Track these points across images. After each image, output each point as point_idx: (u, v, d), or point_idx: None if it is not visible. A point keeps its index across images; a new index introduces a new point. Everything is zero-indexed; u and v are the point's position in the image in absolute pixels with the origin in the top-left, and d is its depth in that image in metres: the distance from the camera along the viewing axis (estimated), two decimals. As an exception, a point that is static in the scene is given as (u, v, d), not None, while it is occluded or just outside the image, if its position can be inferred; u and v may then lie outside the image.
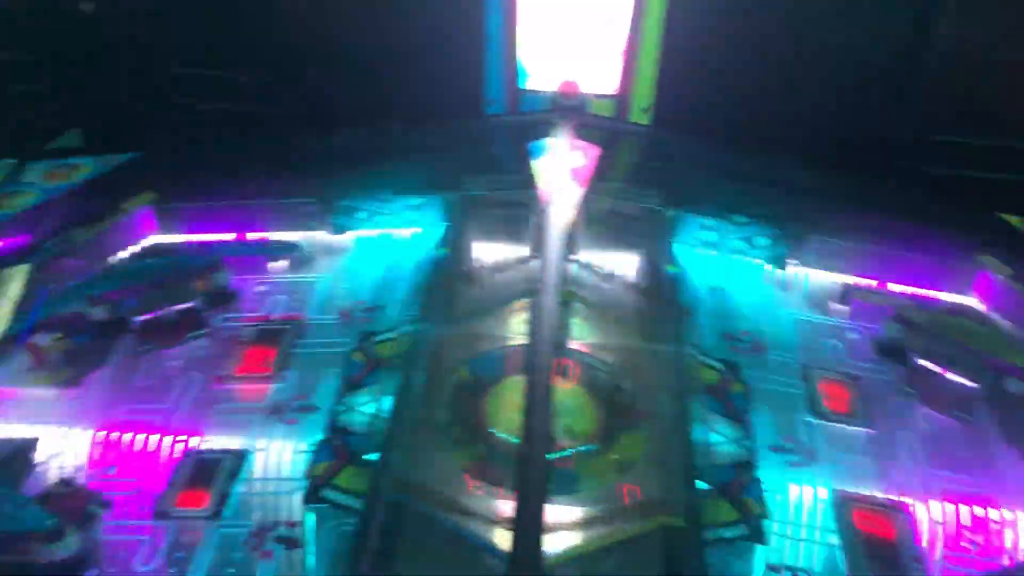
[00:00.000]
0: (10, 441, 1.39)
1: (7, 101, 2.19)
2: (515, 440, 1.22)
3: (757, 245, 1.73)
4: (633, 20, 1.67)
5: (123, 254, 1.76)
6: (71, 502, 1.26)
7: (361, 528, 1.19)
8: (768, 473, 1.33)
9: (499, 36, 1.74)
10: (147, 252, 1.77)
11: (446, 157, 1.80)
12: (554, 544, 1.12)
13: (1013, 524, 1.34)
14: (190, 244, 1.77)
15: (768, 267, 1.72)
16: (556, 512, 1.15)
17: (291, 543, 1.24)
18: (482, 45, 1.75)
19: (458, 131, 1.84)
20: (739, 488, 1.30)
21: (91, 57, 2.26)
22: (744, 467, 1.34)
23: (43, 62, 2.27)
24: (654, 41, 1.69)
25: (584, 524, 1.16)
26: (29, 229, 1.75)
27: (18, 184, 1.81)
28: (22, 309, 1.60)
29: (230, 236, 1.80)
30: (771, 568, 1.23)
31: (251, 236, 1.80)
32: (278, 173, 1.85)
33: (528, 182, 1.72)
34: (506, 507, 1.13)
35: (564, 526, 1.15)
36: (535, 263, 1.61)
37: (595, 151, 1.78)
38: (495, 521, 1.14)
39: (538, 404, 1.23)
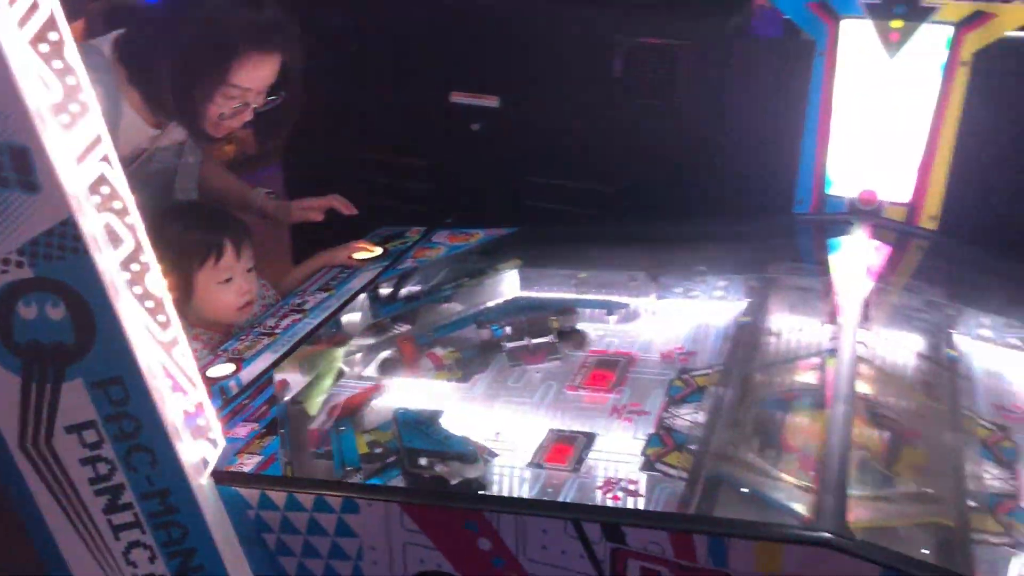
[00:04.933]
0: (425, 410, 1.88)
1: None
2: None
3: (1031, 340, 1.97)
4: (929, 137, 2.04)
5: (496, 301, 2.34)
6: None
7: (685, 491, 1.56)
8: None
9: (811, 146, 2.16)
10: (516, 300, 2.33)
11: (757, 246, 2.23)
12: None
13: None
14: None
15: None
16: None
17: (632, 493, 1.60)
18: (796, 153, 2.20)
19: (769, 225, 2.28)
20: (1005, 510, 1.54)
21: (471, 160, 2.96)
22: (1010, 497, 1.58)
23: (438, 167, 3.03)
24: (946, 156, 2.04)
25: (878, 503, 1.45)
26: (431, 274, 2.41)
27: (431, 243, 2.48)
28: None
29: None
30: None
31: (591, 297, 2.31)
32: (618, 250, 2.38)
33: (825, 270, 2.11)
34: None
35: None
36: (828, 328, 1.94)
37: (887, 251, 2.14)
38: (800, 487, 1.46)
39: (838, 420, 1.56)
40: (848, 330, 1.73)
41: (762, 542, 1.20)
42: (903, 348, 1.93)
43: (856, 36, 2.04)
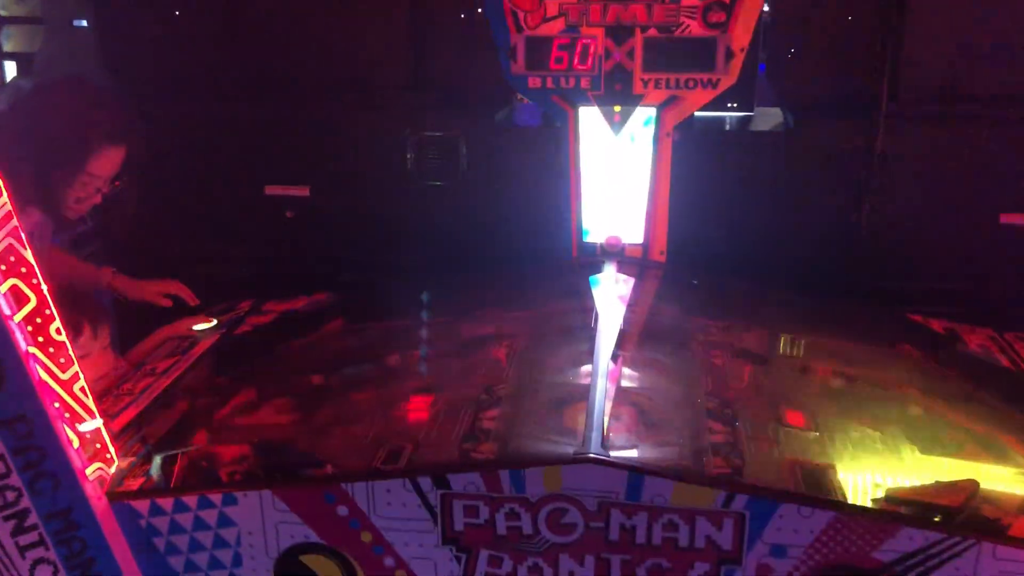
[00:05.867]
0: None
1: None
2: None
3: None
4: (651, 191, 2.66)
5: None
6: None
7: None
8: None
9: (569, 205, 2.75)
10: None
11: (536, 286, 2.78)
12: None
13: None
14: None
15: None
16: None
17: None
18: (559, 212, 2.78)
19: (544, 270, 2.83)
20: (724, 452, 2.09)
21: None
22: (730, 445, 2.13)
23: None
24: (665, 205, 2.68)
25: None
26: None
27: (261, 311, 2.84)
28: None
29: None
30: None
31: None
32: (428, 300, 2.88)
33: (590, 299, 2.66)
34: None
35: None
36: (595, 342, 2.42)
37: (632, 280, 2.74)
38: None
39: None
40: (607, 341, 2.25)
41: (547, 467, 1.67)
42: (652, 350, 2.50)
43: (589, 119, 2.66)
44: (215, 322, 2.72)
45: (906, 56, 2.95)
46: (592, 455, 1.66)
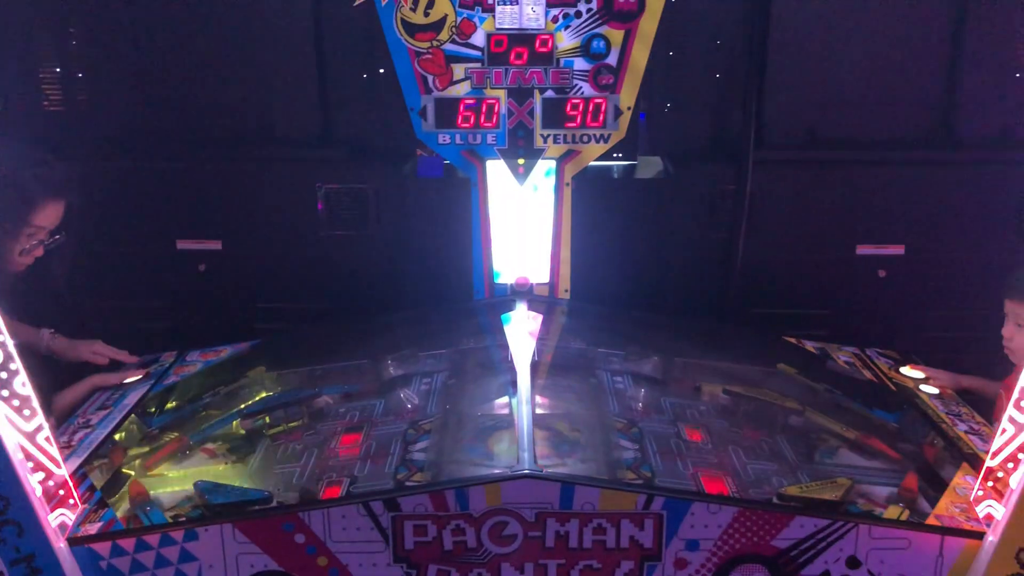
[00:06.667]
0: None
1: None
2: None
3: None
4: (553, 235, 2.93)
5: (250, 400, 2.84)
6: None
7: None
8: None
9: (479, 250, 2.96)
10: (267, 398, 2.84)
11: (452, 327, 2.97)
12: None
13: None
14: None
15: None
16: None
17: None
18: (470, 257, 3.00)
19: (458, 311, 3.05)
20: (636, 466, 2.34)
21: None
22: (638, 459, 2.39)
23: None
24: (568, 247, 2.95)
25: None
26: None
27: (186, 361, 2.92)
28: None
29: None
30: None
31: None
32: (344, 345, 3.01)
33: (503, 336, 2.88)
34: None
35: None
36: (510, 375, 2.59)
37: (541, 317, 2.98)
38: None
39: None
40: (525, 372, 2.46)
41: (487, 485, 1.87)
42: (564, 378, 2.74)
43: (497, 171, 2.91)
44: (142, 374, 2.79)
45: (769, 107, 3.32)
46: (528, 471, 1.87)
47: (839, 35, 3.30)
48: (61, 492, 1.85)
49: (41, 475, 1.80)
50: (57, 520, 1.83)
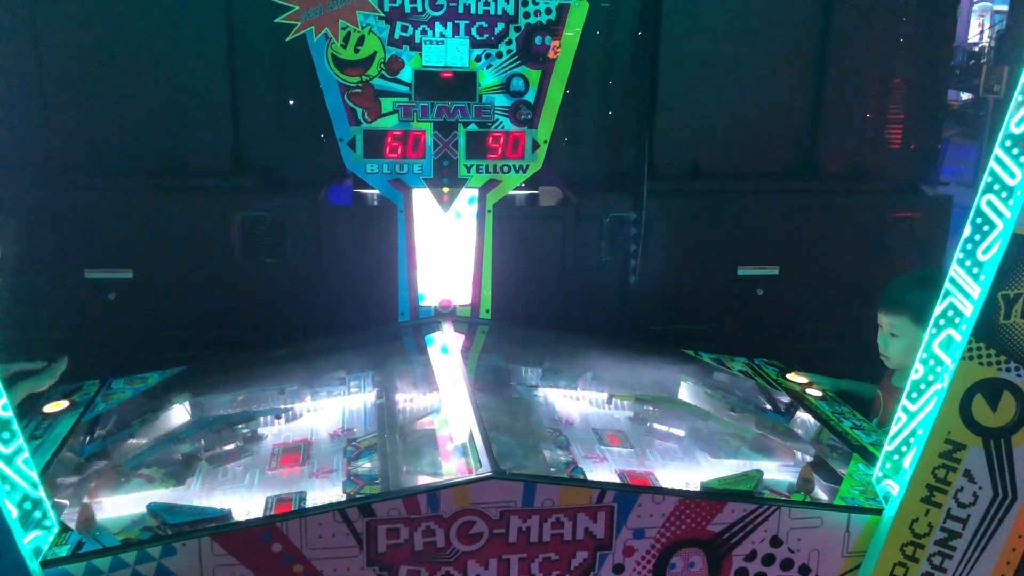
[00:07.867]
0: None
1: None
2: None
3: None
4: (475, 259, 3.12)
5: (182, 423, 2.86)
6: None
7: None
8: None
9: (404, 273, 3.11)
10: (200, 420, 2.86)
11: (377, 349, 3.09)
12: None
13: None
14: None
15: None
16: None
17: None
18: (395, 280, 3.14)
19: (383, 333, 3.17)
20: (569, 470, 2.54)
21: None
22: (568, 463, 2.59)
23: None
24: (489, 271, 3.14)
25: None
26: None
27: (111, 389, 2.90)
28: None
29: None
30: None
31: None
32: (266, 371, 3.06)
33: (427, 356, 3.03)
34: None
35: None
36: (437, 391, 2.74)
37: (463, 337, 3.14)
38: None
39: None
40: (463, 385, 2.62)
41: (457, 488, 2.02)
42: (492, 393, 2.91)
43: (422, 199, 3.07)
44: (67, 403, 2.76)
45: (659, 143, 3.64)
46: (493, 473, 2.04)
47: (719, 80, 3.71)
48: (37, 514, 1.86)
49: (18, 496, 1.81)
50: (32, 543, 1.84)
